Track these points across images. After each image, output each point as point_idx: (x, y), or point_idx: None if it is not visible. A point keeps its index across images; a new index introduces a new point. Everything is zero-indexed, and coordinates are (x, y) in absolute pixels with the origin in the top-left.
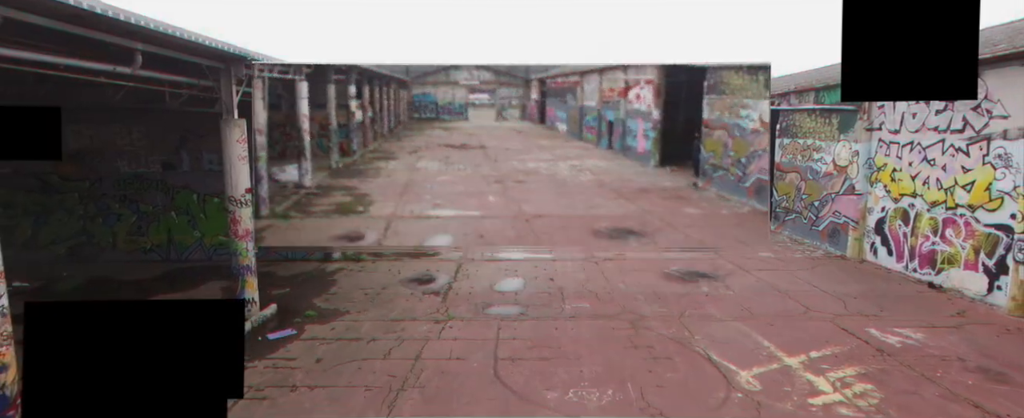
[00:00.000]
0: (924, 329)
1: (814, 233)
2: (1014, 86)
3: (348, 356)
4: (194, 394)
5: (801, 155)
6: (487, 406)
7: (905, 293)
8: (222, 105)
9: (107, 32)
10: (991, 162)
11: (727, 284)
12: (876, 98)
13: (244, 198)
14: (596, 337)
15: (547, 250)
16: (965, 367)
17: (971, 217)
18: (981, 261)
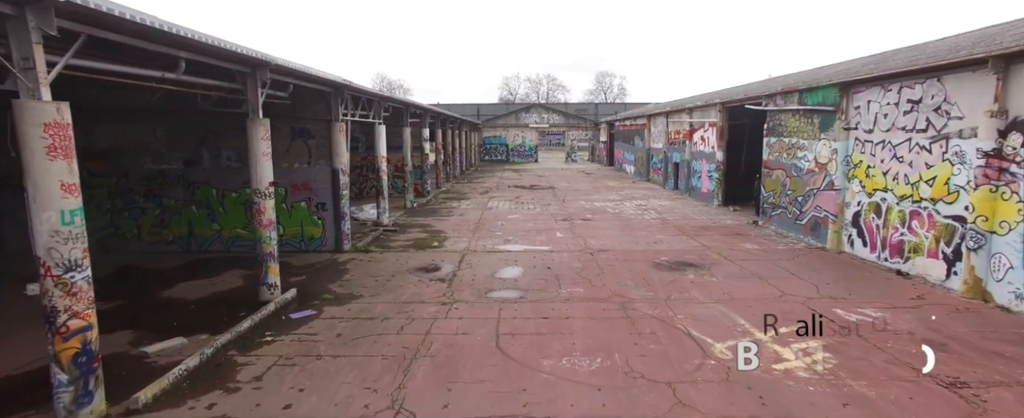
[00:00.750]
0: (885, 309)
1: (798, 227)
2: (968, 90)
3: (365, 332)
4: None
5: (786, 153)
6: (490, 371)
7: (874, 280)
8: (248, 105)
9: (161, 43)
10: (949, 159)
11: (712, 272)
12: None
13: (268, 191)
14: (586, 317)
15: (545, 242)
16: (913, 339)
17: (933, 209)
18: (941, 249)
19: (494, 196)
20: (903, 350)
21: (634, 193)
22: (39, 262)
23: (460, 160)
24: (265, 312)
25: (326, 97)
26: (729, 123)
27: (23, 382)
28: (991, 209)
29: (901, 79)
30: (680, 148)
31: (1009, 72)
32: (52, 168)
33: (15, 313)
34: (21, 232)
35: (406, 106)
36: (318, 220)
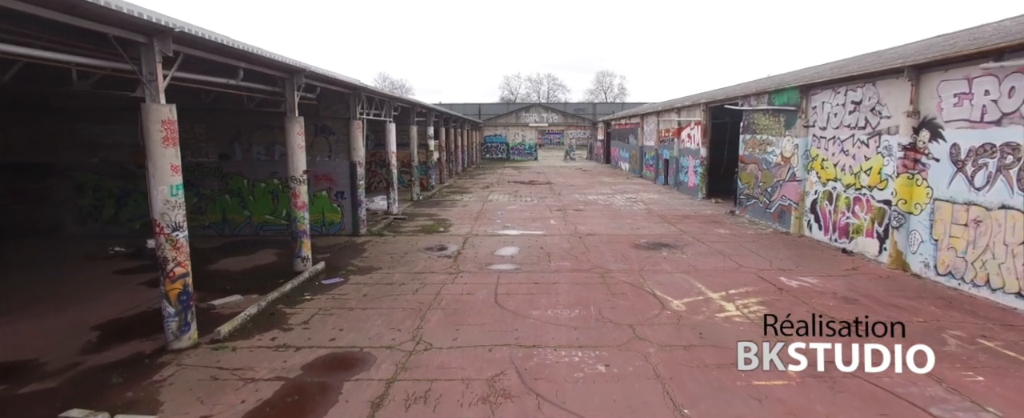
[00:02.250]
0: (820, 277)
1: (767, 215)
2: (893, 94)
3: (386, 293)
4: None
5: (758, 149)
6: (489, 318)
7: (821, 256)
8: (286, 105)
9: (229, 57)
10: (881, 152)
11: (683, 251)
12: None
13: (302, 177)
14: (570, 285)
15: (540, 228)
16: (833, 297)
17: (870, 195)
18: (875, 229)
19: (494, 190)
20: (821, 304)
21: (626, 188)
22: (155, 224)
23: (462, 158)
24: (301, 279)
25: (345, 98)
26: (712, 122)
27: (128, 323)
28: (909, 193)
29: (847, 83)
30: (669, 145)
31: (920, 80)
32: (166, 153)
33: (89, 280)
34: (78, 217)
35: (413, 106)
36: (337, 207)
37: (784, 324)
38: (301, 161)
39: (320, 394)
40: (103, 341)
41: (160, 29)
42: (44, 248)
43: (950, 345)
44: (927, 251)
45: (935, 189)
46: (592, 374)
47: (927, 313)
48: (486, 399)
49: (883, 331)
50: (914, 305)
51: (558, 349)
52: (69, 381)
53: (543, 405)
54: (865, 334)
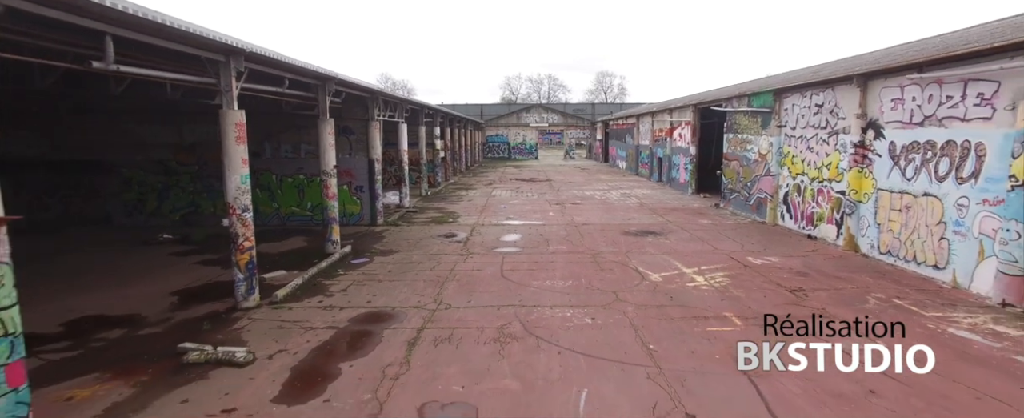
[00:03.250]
0: (782, 257)
1: (747, 207)
2: (847, 98)
3: (407, 269)
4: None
5: (740, 146)
6: (497, 287)
7: (788, 241)
8: (319, 109)
9: (278, 69)
10: (838, 148)
11: (667, 237)
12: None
13: (333, 171)
14: (565, 263)
15: (539, 218)
16: (789, 271)
17: (830, 187)
18: (834, 216)
19: (497, 187)
20: (778, 277)
21: (622, 184)
22: (228, 206)
23: (465, 157)
24: (332, 259)
25: (364, 101)
26: (701, 122)
27: (198, 291)
28: (859, 184)
29: (812, 88)
30: (663, 144)
31: (867, 86)
32: (238, 149)
33: (152, 260)
34: (125, 210)
35: (422, 107)
36: (357, 200)
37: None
38: (331, 157)
39: (365, 337)
40: (183, 303)
41: (235, 49)
42: (101, 236)
43: (869, 304)
44: (872, 234)
45: (878, 180)
46: (580, 324)
47: (861, 282)
48: (496, 340)
49: (823, 299)
50: (853, 277)
51: (553, 308)
52: (169, 328)
53: (541, 343)
54: (804, 298)
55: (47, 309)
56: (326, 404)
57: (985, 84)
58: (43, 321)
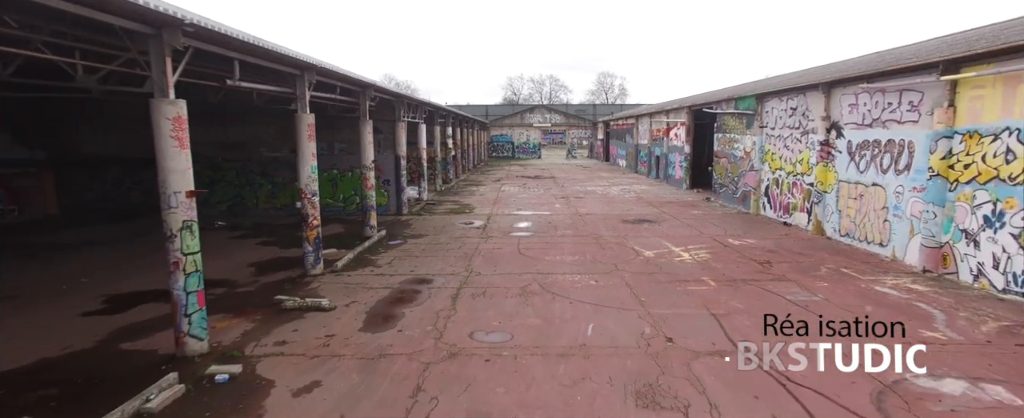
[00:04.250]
0: (758, 239)
1: (734, 199)
2: (815, 103)
3: (438, 248)
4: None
5: (728, 145)
6: (515, 261)
7: (766, 227)
8: (360, 112)
9: (336, 80)
10: (809, 146)
11: (661, 224)
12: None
13: (370, 165)
14: (572, 243)
15: (547, 209)
16: (762, 250)
17: (802, 180)
18: (805, 205)
19: (505, 183)
20: (751, 254)
21: (621, 181)
22: (301, 192)
23: (473, 155)
24: (371, 241)
25: (391, 104)
26: (695, 123)
27: (269, 264)
28: (824, 177)
29: (787, 94)
30: (660, 143)
31: (831, 92)
32: (309, 145)
33: (216, 242)
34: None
35: (437, 109)
36: (385, 192)
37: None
38: (370, 153)
39: (416, 293)
40: (261, 272)
41: (310, 65)
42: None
43: (821, 272)
44: (835, 219)
45: (839, 173)
46: (586, 285)
47: (818, 257)
48: (520, 295)
49: (784, 268)
50: (814, 253)
51: (564, 275)
52: (259, 288)
53: (556, 297)
54: (769, 268)
55: (161, 273)
56: (399, 333)
57: (914, 94)
58: (163, 280)
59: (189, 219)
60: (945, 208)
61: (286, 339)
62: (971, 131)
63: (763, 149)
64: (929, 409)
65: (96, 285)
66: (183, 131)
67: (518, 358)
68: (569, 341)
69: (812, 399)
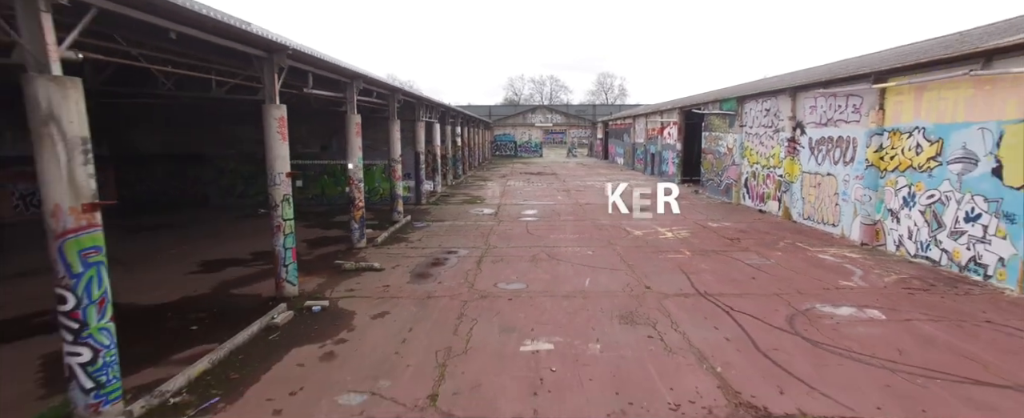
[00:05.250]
0: (734, 223)
1: (719, 191)
2: (784, 105)
3: (459, 229)
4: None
5: (714, 142)
6: (525, 239)
7: (744, 213)
8: (390, 112)
9: (379, 87)
10: (779, 143)
11: (651, 212)
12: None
13: (398, 159)
14: (573, 226)
15: (550, 200)
16: (735, 230)
17: (774, 173)
18: (776, 194)
19: (510, 179)
20: (726, 234)
21: (618, 177)
22: (349, 179)
23: (478, 154)
24: (400, 224)
25: (412, 105)
26: (686, 123)
27: (317, 241)
28: (791, 169)
29: (762, 97)
30: (655, 142)
31: (796, 96)
32: (356, 141)
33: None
34: (219, 193)
35: (448, 109)
36: (406, 185)
37: (700, 241)
38: (398, 149)
39: (446, 260)
40: (313, 246)
41: (358, 74)
42: (208, 212)
43: (780, 245)
44: (799, 205)
45: (803, 166)
46: (585, 255)
47: (781, 235)
48: (531, 261)
49: (750, 243)
50: (778, 232)
51: (567, 247)
52: (315, 257)
53: (560, 262)
54: (737, 242)
55: (234, 247)
56: (439, 284)
57: (857, 98)
58: (239, 251)
59: (287, 193)
60: (877, 192)
61: (353, 288)
62: (894, 129)
63: (743, 146)
64: (821, 322)
65: (187, 255)
66: (284, 127)
67: (533, 298)
68: (571, 288)
69: (745, 319)
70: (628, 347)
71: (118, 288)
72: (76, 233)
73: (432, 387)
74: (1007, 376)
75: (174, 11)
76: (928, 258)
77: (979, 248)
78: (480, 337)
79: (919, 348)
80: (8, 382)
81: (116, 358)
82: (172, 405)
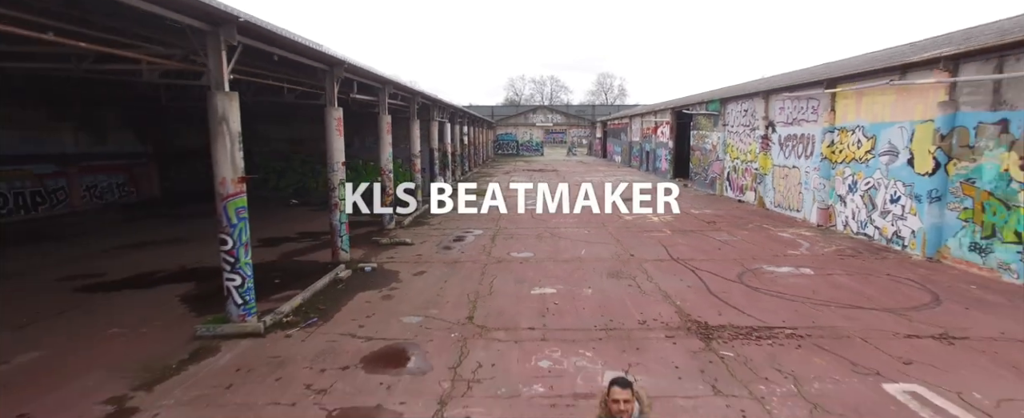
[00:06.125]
0: (713, 210)
1: (705, 184)
2: (759, 106)
3: (472, 216)
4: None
5: (701, 140)
6: (531, 221)
7: (724, 203)
8: (411, 112)
9: (402, 90)
10: (755, 140)
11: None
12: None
13: (417, 154)
14: (573, 213)
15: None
16: (713, 215)
17: (751, 166)
18: (753, 186)
19: (513, 175)
20: (706, 220)
21: (615, 173)
22: (382, 170)
23: (482, 152)
24: (421, 211)
25: (429, 107)
26: (678, 122)
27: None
28: (764, 163)
29: (741, 99)
30: (649, 140)
31: (768, 98)
32: (387, 138)
33: (300, 214)
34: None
35: (456, 110)
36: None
37: (681, 223)
38: (417, 145)
39: (466, 236)
40: (350, 227)
41: (388, 80)
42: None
43: (748, 227)
44: (770, 195)
45: (774, 160)
46: (582, 233)
47: (751, 219)
48: (537, 237)
49: (724, 225)
50: (749, 217)
51: (566, 228)
52: (354, 236)
53: (561, 238)
54: (713, 225)
55: (281, 229)
56: (462, 253)
57: (814, 101)
58: (286, 232)
59: (342, 178)
60: (830, 181)
61: (392, 256)
62: (842, 127)
63: (725, 143)
64: (762, 276)
65: None
66: (341, 126)
67: (539, 262)
68: (570, 256)
69: (705, 275)
70: (612, 291)
71: (203, 255)
72: (233, 197)
73: (468, 313)
74: (879, 304)
75: (287, 43)
76: (865, 234)
77: (899, 224)
78: (499, 286)
79: (828, 290)
80: (167, 308)
81: (252, 287)
82: (286, 322)
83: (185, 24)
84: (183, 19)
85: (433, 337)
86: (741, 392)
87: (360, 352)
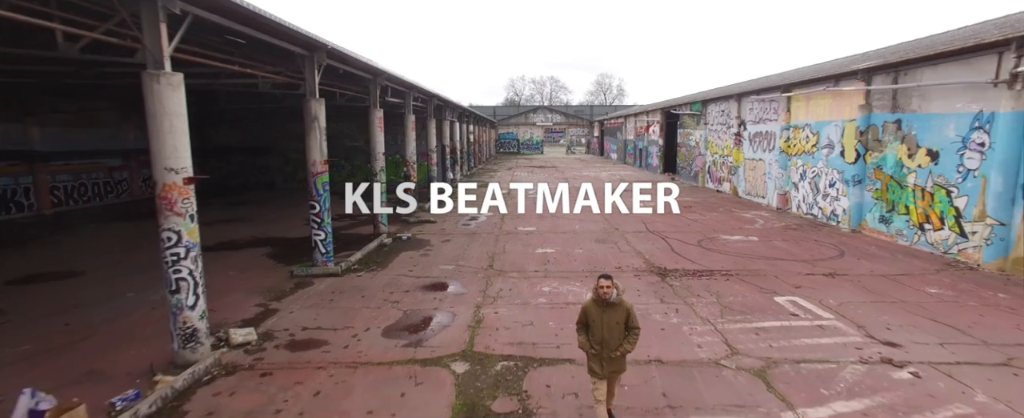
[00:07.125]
0: (693, 198)
1: (690, 177)
2: (733, 107)
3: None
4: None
5: (686, 138)
6: (534, 211)
7: (704, 193)
8: (429, 112)
9: (420, 92)
10: (730, 137)
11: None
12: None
13: (434, 149)
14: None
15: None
16: (691, 201)
17: (727, 160)
18: (729, 177)
19: (516, 171)
20: (682, 202)
21: (611, 169)
22: (406, 161)
23: (485, 150)
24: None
25: (442, 107)
26: (667, 121)
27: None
28: (738, 157)
29: (720, 100)
30: (642, 138)
31: (741, 100)
32: (411, 136)
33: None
34: (281, 179)
35: (463, 110)
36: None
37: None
38: (433, 142)
39: (478, 216)
40: None
41: (414, 86)
42: (276, 194)
43: (718, 210)
44: (742, 184)
45: (745, 154)
46: (577, 214)
47: (723, 205)
48: (540, 217)
49: (698, 209)
50: (722, 203)
51: (566, 213)
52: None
53: (561, 220)
54: (690, 207)
55: None
56: (479, 227)
57: (775, 103)
58: None
59: (383, 166)
60: (787, 171)
61: (422, 231)
62: (795, 125)
63: (707, 140)
64: (717, 242)
65: (289, 217)
66: (382, 124)
67: (542, 234)
68: (567, 230)
69: (672, 241)
70: (598, 250)
71: (270, 230)
72: (321, 174)
73: (488, 263)
74: (798, 257)
75: (352, 61)
76: (812, 214)
77: (835, 204)
78: (511, 248)
79: (765, 250)
80: (259, 261)
81: (331, 240)
82: (354, 270)
83: (294, 51)
84: (293, 48)
85: (464, 276)
86: (679, 302)
87: (415, 284)
